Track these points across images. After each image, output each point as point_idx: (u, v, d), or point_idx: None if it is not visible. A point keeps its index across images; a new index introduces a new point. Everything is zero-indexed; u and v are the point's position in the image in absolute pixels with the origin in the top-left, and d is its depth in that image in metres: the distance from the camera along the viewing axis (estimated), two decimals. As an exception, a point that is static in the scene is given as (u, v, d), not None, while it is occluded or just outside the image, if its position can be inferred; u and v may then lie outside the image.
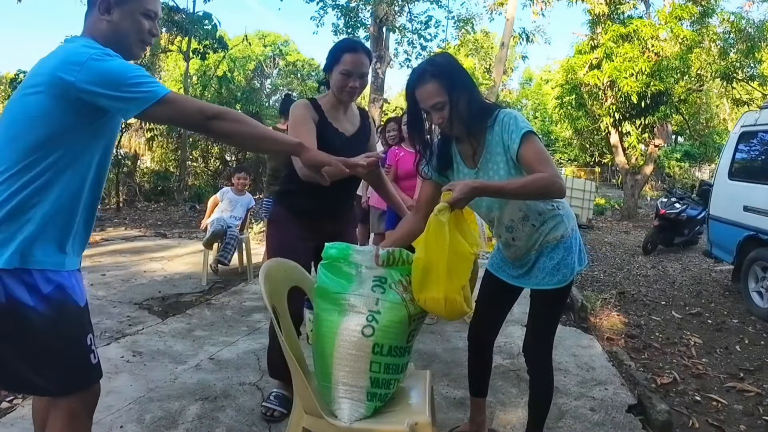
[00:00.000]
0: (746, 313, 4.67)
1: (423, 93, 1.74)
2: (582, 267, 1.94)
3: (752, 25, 11.47)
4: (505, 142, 1.74)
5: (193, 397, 2.52)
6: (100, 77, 1.24)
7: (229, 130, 1.41)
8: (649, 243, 7.65)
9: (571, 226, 1.89)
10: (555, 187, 1.66)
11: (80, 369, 1.37)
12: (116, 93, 1.25)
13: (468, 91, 1.75)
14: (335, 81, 2.16)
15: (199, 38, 10.79)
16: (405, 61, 15.70)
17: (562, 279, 1.85)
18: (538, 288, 1.89)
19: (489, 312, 2.10)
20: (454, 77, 1.73)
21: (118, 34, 1.38)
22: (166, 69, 19.86)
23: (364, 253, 1.64)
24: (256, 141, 1.51)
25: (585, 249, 2.00)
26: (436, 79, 1.71)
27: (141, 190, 11.59)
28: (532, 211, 1.85)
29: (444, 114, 1.74)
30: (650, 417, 2.51)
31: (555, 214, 1.86)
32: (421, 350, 3.21)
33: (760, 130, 5.06)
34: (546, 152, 1.73)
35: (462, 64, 1.83)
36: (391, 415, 1.61)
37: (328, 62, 2.20)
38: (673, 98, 11.19)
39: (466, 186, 1.59)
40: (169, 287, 4.51)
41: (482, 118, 1.79)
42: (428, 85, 1.72)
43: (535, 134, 1.74)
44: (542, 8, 15.64)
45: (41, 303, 1.27)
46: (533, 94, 34.37)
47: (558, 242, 1.85)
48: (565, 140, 23.53)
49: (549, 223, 1.86)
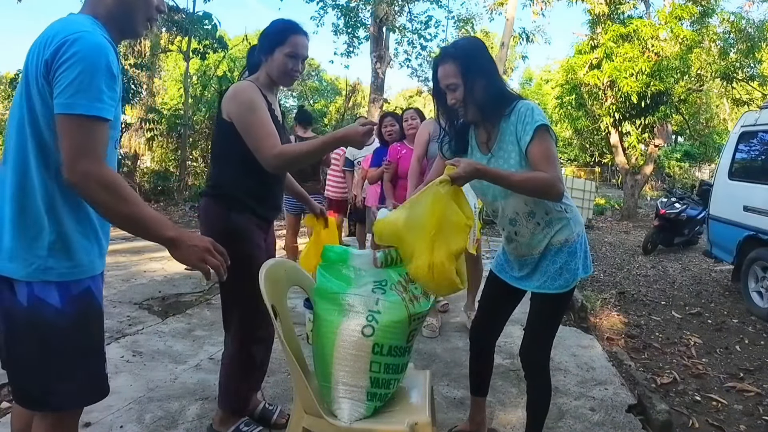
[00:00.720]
0: (746, 313, 4.67)
1: (441, 72, 1.79)
2: (587, 275, 1.92)
3: (752, 25, 11.46)
4: (519, 133, 1.74)
5: (193, 397, 2.52)
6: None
7: (104, 204, 1.19)
8: (649, 243, 7.65)
9: (577, 231, 1.87)
10: (554, 190, 1.68)
11: (95, 380, 1.33)
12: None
13: (485, 78, 1.77)
14: (278, 64, 1.95)
15: (199, 38, 10.79)
16: (405, 61, 15.73)
17: (564, 284, 1.83)
18: (539, 291, 1.88)
19: (491, 313, 2.11)
20: (471, 61, 1.75)
21: (125, 8, 1.30)
22: (166, 69, 19.85)
23: (362, 257, 1.64)
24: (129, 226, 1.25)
25: (591, 256, 1.98)
26: (454, 60, 1.75)
27: (141, 190, 11.57)
28: (540, 208, 1.83)
29: (457, 95, 1.77)
30: (650, 417, 2.51)
31: (562, 216, 1.85)
32: (421, 350, 3.21)
33: (760, 130, 5.06)
34: (553, 152, 1.73)
35: (489, 51, 1.84)
36: (391, 415, 1.61)
37: (268, 43, 1.97)
38: (673, 98, 11.19)
39: (470, 165, 1.62)
40: (169, 287, 4.51)
41: (498, 105, 1.79)
42: (446, 65, 1.77)
43: (550, 129, 1.73)
44: (542, 8, 15.64)
45: (69, 305, 1.24)
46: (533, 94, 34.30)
47: (562, 246, 1.84)
48: (565, 140, 23.46)
49: (555, 225, 1.84)
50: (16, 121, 1.23)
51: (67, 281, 1.24)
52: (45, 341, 1.22)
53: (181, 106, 12.77)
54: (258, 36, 2.05)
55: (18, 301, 1.21)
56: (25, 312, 1.21)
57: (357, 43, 14.80)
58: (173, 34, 11.35)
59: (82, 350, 1.28)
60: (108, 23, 1.27)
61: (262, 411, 2.29)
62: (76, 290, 1.25)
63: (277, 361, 2.82)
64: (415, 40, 15.18)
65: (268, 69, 1.98)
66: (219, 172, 2.05)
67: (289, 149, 1.86)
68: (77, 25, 1.19)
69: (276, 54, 1.95)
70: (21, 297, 1.21)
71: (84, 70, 1.13)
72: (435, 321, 3.58)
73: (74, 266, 1.25)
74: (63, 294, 1.23)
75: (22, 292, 1.21)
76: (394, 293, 1.60)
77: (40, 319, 1.21)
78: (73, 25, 1.19)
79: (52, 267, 1.22)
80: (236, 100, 1.89)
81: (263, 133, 1.84)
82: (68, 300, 1.24)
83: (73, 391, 1.28)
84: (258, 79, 2.00)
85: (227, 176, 1.99)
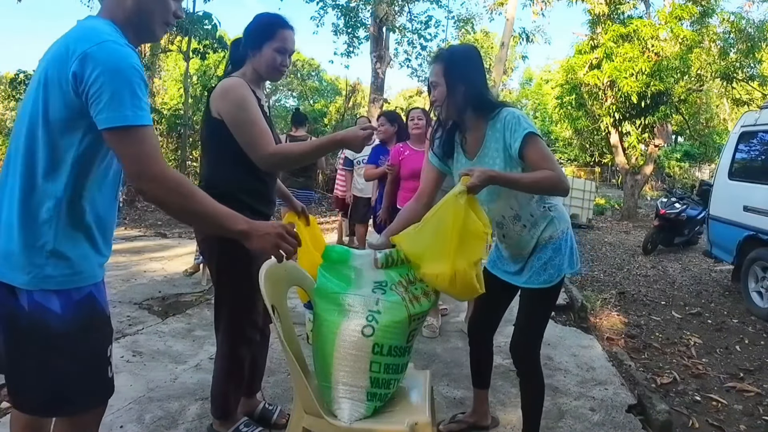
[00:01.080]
0: (746, 313, 4.67)
1: (430, 70, 1.95)
2: (573, 270, 1.98)
3: (752, 25, 11.46)
4: (507, 140, 1.83)
5: (193, 397, 2.52)
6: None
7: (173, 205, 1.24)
8: (649, 243, 7.65)
9: (561, 228, 1.94)
10: (561, 185, 1.78)
11: (99, 385, 1.31)
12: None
13: (467, 83, 1.86)
14: (267, 59, 1.91)
15: (199, 38, 10.78)
16: (405, 61, 15.73)
17: (548, 279, 1.90)
18: (525, 286, 1.95)
19: (486, 308, 2.19)
20: (456, 66, 1.86)
21: (145, 13, 1.29)
22: (166, 69, 19.86)
23: (363, 257, 1.64)
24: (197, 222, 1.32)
25: (578, 253, 2.02)
26: (441, 62, 1.88)
27: (141, 190, 11.57)
28: (525, 211, 1.91)
29: (436, 94, 1.89)
30: (650, 417, 2.52)
31: (546, 215, 1.93)
32: (421, 350, 3.21)
33: (760, 130, 5.06)
34: (550, 152, 1.84)
35: (481, 61, 1.94)
36: (391, 414, 1.62)
37: (255, 38, 1.93)
38: (673, 98, 11.19)
39: (484, 174, 1.67)
40: (169, 287, 4.51)
41: (478, 111, 1.89)
42: (435, 64, 1.91)
43: (538, 135, 1.82)
44: (542, 8, 15.65)
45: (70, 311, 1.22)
46: (533, 94, 34.33)
47: (547, 242, 1.92)
48: (565, 140, 23.52)
49: (540, 224, 1.92)
50: (27, 126, 1.21)
51: (67, 289, 1.23)
52: (49, 347, 1.21)
53: (181, 106, 12.78)
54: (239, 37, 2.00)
55: (20, 305, 1.20)
56: (27, 317, 1.20)
57: (357, 43, 14.81)
58: (173, 34, 11.34)
59: (88, 356, 1.27)
60: (126, 27, 1.27)
61: (262, 411, 2.29)
62: (77, 296, 1.25)
63: (277, 361, 2.83)
64: (415, 40, 15.20)
65: (256, 64, 1.94)
66: (212, 172, 1.99)
67: (283, 149, 1.85)
68: (100, 33, 1.18)
69: (264, 49, 1.91)
70: (23, 302, 1.20)
71: (121, 83, 1.14)
72: (435, 321, 3.58)
73: (74, 274, 1.24)
74: (64, 301, 1.22)
75: (23, 298, 1.20)
76: (394, 293, 1.60)
77: (42, 324, 1.20)
78: (96, 34, 1.18)
79: (51, 275, 1.21)
80: (227, 98, 1.84)
81: (257, 132, 1.81)
82: (70, 306, 1.23)
83: (79, 394, 1.27)
84: (245, 75, 1.94)
85: (221, 175, 1.95)
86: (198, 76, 13.14)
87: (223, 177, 1.93)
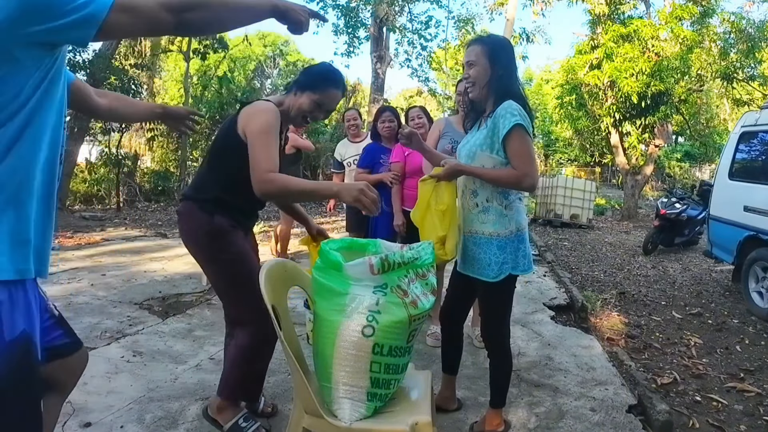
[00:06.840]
0: (746, 313, 4.66)
1: (468, 50, 2.10)
2: (522, 273, 2.09)
3: (752, 25, 11.46)
4: (497, 124, 1.99)
5: (193, 397, 2.52)
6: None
7: (205, 17, 1.13)
8: (649, 243, 7.64)
9: (510, 229, 2.05)
10: (524, 184, 1.98)
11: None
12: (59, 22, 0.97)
13: (501, 70, 2.03)
14: (302, 103, 1.99)
15: (199, 38, 10.79)
16: (405, 62, 15.73)
17: (495, 275, 2.04)
18: (476, 277, 2.10)
19: (454, 297, 2.35)
20: (496, 52, 2.04)
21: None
22: (166, 69, 19.84)
23: (357, 267, 1.58)
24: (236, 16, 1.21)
25: (530, 258, 2.13)
26: (482, 45, 2.07)
27: (141, 190, 11.61)
28: (484, 192, 2.07)
29: (470, 72, 2.07)
30: (650, 417, 2.51)
31: (500, 211, 2.05)
32: (421, 350, 3.22)
33: (760, 131, 5.06)
34: (528, 149, 1.99)
35: (514, 57, 2.15)
36: (391, 415, 1.62)
37: (307, 82, 2.00)
38: (673, 98, 11.19)
39: (452, 168, 2.07)
40: (170, 287, 4.51)
41: (498, 96, 2.04)
42: (475, 45, 2.09)
43: (524, 128, 1.96)
44: (542, 8, 15.62)
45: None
46: (533, 94, 34.24)
47: (490, 238, 2.05)
48: (565, 140, 23.50)
49: (489, 214, 2.06)
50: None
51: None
52: None
53: (182, 106, 12.78)
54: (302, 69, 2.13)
55: None
56: None
57: (357, 43, 14.83)
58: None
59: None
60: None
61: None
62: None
63: (277, 361, 2.82)
64: (415, 40, 15.21)
65: (292, 102, 2.02)
66: (211, 179, 2.02)
67: (281, 178, 1.81)
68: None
69: (307, 95, 1.99)
70: None
71: None
72: (438, 330, 3.55)
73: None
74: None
75: None
76: (395, 295, 1.60)
77: None
78: None
79: None
80: (257, 118, 1.89)
81: (266, 155, 1.81)
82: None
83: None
84: (281, 104, 2.03)
85: (219, 186, 1.98)
86: (198, 77, 13.13)
87: (220, 188, 2.00)
